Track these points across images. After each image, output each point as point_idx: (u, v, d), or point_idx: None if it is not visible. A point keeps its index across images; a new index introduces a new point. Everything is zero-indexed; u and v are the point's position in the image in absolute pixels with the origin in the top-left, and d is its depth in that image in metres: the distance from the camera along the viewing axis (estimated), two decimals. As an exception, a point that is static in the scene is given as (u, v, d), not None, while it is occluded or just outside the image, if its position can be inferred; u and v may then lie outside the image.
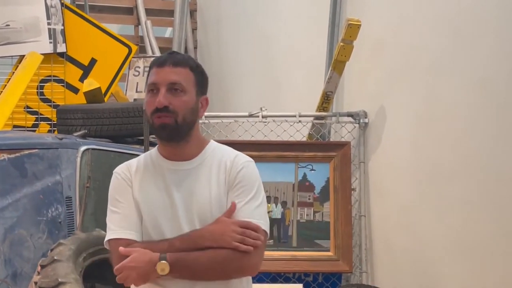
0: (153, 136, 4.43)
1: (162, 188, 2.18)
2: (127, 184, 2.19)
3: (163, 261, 2.06)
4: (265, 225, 2.18)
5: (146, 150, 3.66)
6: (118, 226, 2.16)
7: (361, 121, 4.20)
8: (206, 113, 4.36)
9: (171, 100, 2.12)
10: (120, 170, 2.23)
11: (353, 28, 3.93)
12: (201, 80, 2.22)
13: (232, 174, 2.20)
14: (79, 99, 5.04)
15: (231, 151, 2.27)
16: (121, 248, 2.09)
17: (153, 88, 2.14)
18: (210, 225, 2.14)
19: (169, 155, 2.21)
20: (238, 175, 2.20)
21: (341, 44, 4.00)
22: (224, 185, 2.19)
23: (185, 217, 2.15)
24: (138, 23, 6.99)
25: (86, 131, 4.10)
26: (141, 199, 2.17)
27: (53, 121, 4.91)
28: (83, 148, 3.74)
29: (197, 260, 2.09)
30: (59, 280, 2.97)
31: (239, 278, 2.18)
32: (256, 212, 2.18)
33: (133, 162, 2.25)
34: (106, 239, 2.18)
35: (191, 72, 2.18)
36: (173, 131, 2.14)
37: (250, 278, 2.26)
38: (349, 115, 4.27)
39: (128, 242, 2.13)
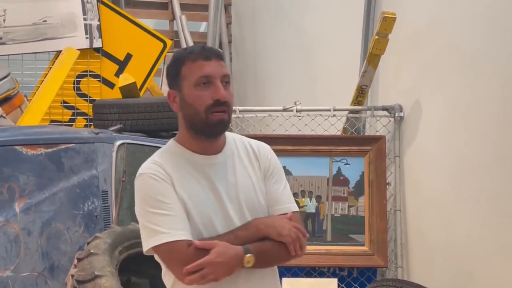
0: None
1: (205, 183, 2.15)
2: (169, 184, 2.11)
3: (249, 254, 2.08)
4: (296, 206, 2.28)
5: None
6: (171, 228, 2.07)
7: (396, 115, 4.17)
8: (240, 107, 4.41)
9: (227, 94, 2.12)
10: (153, 171, 2.13)
11: (388, 21, 3.90)
12: None
13: (264, 161, 2.24)
14: (115, 94, 5.08)
15: (245, 137, 2.31)
16: (199, 242, 2.05)
17: (205, 81, 2.11)
18: (269, 217, 2.19)
19: (202, 149, 2.18)
20: (271, 162, 2.25)
21: (376, 37, 3.97)
22: (260, 171, 2.23)
23: (232, 208, 2.15)
24: (173, 18, 7.01)
25: (121, 125, 4.12)
26: (187, 198, 2.12)
27: (90, 115, 4.96)
28: (118, 142, 3.76)
29: (272, 250, 2.13)
30: (96, 273, 3.00)
31: None
32: (292, 197, 2.28)
33: (162, 161, 2.16)
34: (157, 242, 2.08)
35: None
36: (226, 126, 2.16)
37: None
38: (384, 109, 4.24)
39: (189, 244, 2.06)
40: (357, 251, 4.06)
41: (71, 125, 5.05)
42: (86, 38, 5.29)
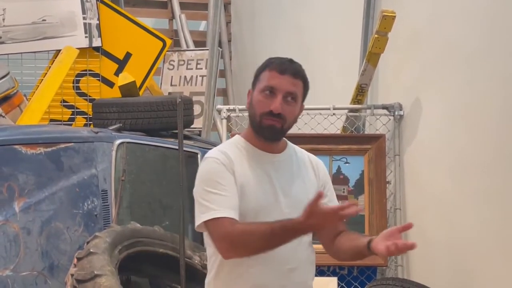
0: (188, 129, 4.43)
1: (264, 176, 2.37)
2: (227, 170, 2.32)
3: None
4: None
5: (180, 143, 3.67)
6: (220, 206, 2.26)
7: (396, 113, 4.17)
8: (239, 106, 4.41)
9: (284, 108, 2.32)
10: (218, 156, 2.35)
11: (388, 20, 3.90)
12: (307, 90, 2.43)
13: (323, 177, 2.49)
14: (114, 93, 5.07)
15: (304, 150, 2.54)
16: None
17: (270, 91, 2.33)
18: None
19: (265, 147, 2.40)
20: (326, 178, 2.51)
21: (376, 36, 3.97)
22: (316, 179, 2.45)
23: (284, 202, 2.35)
24: (172, 17, 7.00)
25: (121, 124, 4.12)
26: (246, 185, 2.33)
27: (89, 115, 4.95)
28: (118, 141, 3.76)
29: None
30: (95, 272, 3.00)
31: None
32: None
33: (226, 150, 2.38)
34: (206, 218, 2.26)
35: (303, 84, 2.39)
36: (277, 134, 2.37)
37: None
38: (384, 107, 4.24)
39: (232, 222, 2.25)
40: (357, 250, 4.05)
41: (70, 124, 5.04)
42: (86, 37, 5.28)
